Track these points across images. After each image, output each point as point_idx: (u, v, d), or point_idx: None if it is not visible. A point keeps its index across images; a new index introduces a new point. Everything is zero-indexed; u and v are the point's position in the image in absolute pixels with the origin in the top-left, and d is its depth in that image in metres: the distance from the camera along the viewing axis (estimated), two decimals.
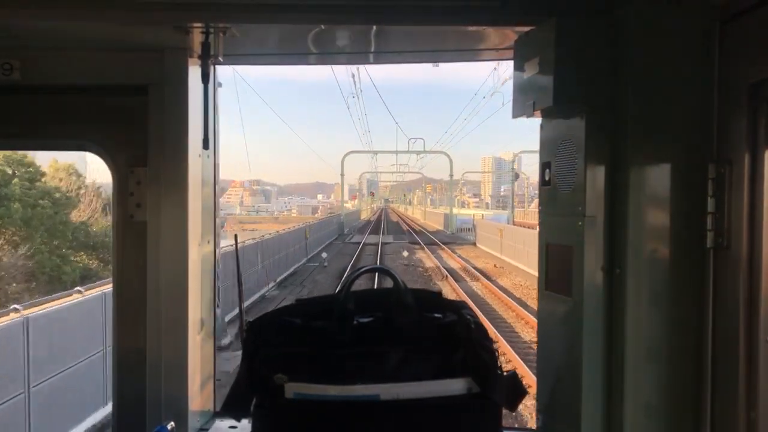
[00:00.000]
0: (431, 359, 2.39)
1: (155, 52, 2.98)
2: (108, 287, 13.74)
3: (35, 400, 11.61)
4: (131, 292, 3.06)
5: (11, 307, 12.91)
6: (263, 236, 32.86)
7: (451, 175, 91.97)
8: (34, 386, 11.63)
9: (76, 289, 15.46)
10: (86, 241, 32.62)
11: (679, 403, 2.36)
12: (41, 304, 13.82)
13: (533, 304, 24.33)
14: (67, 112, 3.12)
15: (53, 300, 14.80)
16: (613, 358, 2.42)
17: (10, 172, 29.81)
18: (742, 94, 2.15)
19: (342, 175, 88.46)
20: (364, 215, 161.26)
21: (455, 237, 70.88)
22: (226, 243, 3.65)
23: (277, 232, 39.64)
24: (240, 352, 2.49)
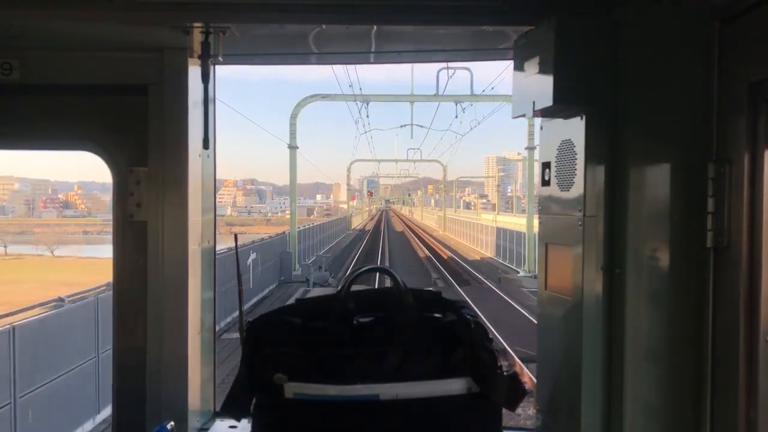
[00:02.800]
0: (431, 359, 2.39)
1: (155, 52, 2.98)
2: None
3: None
4: (131, 292, 3.06)
5: None
6: None
7: (532, 147, 37.79)
8: None
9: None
10: None
11: (679, 403, 2.36)
12: None
13: None
14: (67, 112, 3.12)
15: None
16: (613, 358, 2.42)
17: None
18: (742, 94, 2.15)
19: (292, 131, 35.44)
20: (357, 222, 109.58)
21: None
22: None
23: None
24: None
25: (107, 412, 12.37)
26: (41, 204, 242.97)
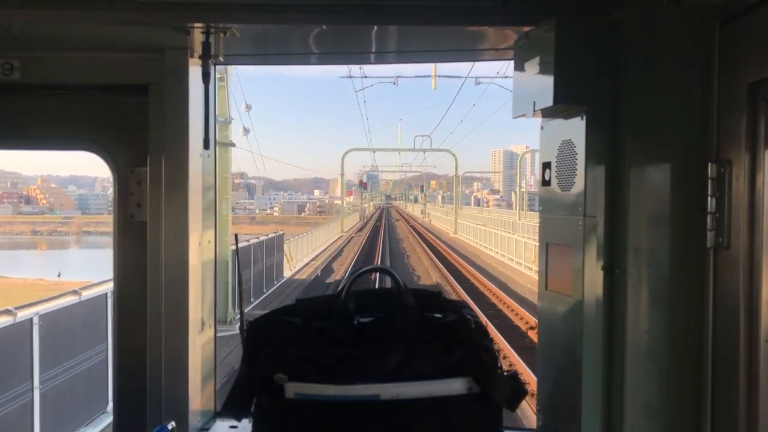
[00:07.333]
0: (431, 359, 2.39)
1: (155, 52, 2.98)
2: None
3: None
4: (132, 292, 3.06)
5: None
6: None
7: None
8: None
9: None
10: None
11: (679, 403, 2.36)
12: None
13: None
14: (67, 112, 3.12)
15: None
16: (613, 358, 2.42)
17: None
18: (742, 94, 2.15)
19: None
20: (324, 239, 53.88)
21: None
22: None
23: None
24: None
25: None
26: None
